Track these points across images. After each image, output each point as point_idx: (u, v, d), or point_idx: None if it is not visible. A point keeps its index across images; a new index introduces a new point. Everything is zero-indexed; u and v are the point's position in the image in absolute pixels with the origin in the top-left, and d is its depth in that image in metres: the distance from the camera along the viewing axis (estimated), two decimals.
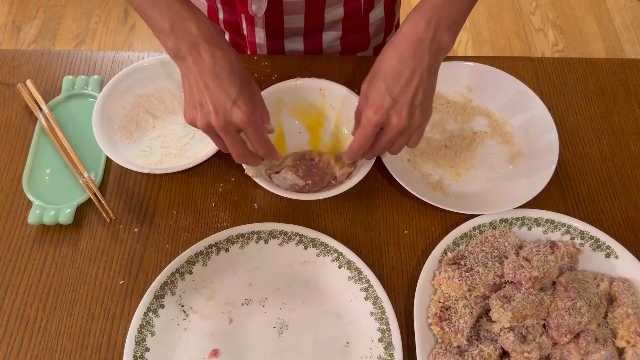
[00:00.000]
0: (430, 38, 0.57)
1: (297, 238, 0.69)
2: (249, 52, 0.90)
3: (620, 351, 0.63)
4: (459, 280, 0.62)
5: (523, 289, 0.62)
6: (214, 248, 0.68)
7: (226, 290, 0.67)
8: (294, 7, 0.81)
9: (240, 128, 0.60)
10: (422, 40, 0.57)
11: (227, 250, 0.68)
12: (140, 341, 0.62)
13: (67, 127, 0.78)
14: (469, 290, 0.63)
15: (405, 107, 0.58)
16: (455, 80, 0.81)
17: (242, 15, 0.84)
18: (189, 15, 0.58)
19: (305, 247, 0.69)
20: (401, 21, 0.62)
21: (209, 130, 0.61)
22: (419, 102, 0.59)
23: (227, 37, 0.91)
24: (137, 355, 0.62)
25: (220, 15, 0.88)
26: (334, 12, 0.85)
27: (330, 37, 0.89)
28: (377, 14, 0.90)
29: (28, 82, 0.81)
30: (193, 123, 0.62)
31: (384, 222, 0.73)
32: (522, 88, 0.79)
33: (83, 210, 0.72)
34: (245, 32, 0.87)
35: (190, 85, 0.60)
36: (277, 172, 0.71)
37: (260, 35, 0.86)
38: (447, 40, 0.58)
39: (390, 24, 0.95)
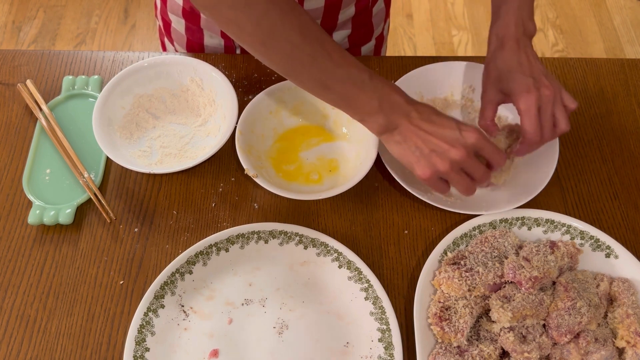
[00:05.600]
0: (522, 33, 0.69)
1: (297, 238, 0.69)
2: None
3: (620, 351, 0.63)
4: (459, 280, 0.62)
5: (523, 289, 0.62)
6: (214, 248, 0.68)
7: (226, 290, 0.67)
8: (313, 14, 0.83)
9: (476, 147, 0.63)
10: (519, 38, 0.69)
11: (227, 250, 0.68)
12: (140, 341, 0.62)
13: (67, 127, 0.78)
14: (469, 290, 0.63)
15: (543, 77, 0.67)
16: (455, 81, 0.81)
17: None
18: (390, 89, 0.63)
19: (305, 247, 0.69)
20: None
21: (452, 169, 0.63)
22: (545, 73, 0.69)
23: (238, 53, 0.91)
24: (137, 355, 0.62)
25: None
26: (347, 12, 0.86)
27: (340, 36, 0.90)
28: (378, 4, 0.92)
29: (28, 82, 0.81)
30: (435, 172, 0.63)
31: (384, 222, 0.73)
32: None
33: (83, 210, 0.72)
34: None
35: (414, 143, 0.63)
36: None
37: None
38: (532, 28, 0.70)
39: (388, 12, 0.97)
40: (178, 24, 0.89)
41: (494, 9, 0.72)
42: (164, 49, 0.99)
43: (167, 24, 0.92)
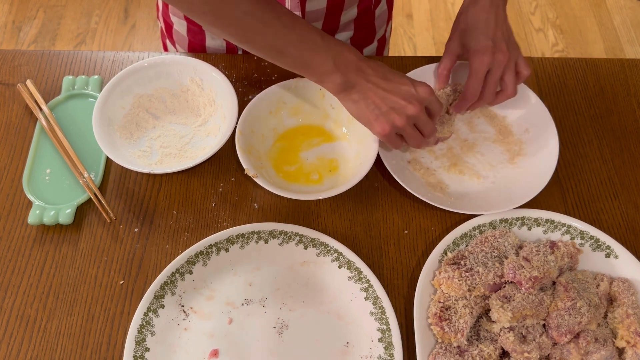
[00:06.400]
0: None
1: (297, 238, 0.69)
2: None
3: (620, 351, 0.63)
4: (459, 280, 0.62)
5: (523, 289, 0.62)
6: (214, 248, 0.68)
7: (226, 290, 0.67)
8: (315, 15, 0.82)
9: (426, 101, 0.66)
10: None
11: (227, 250, 0.68)
12: (140, 341, 0.62)
13: (67, 127, 0.78)
14: (469, 290, 0.63)
15: (503, 44, 0.70)
16: (455, 80, 0.81)
17: None
18: (342, 47, 0.64)
19: (305, 247, 0.69)
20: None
21: (408, 124, 0.66)
22: (507, 37, 0.71)
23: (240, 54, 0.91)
24: (137, 355, 0.62)
25: None
26: (349, 14, 0.86)
27: (343, 37, 0.90)
28: (381, 6, 0.92)
29: (28, 82, 0.81)
30: (393, 128, 0.66)
31: (384, 222, 0.73)
32: (522, 88, 0.79)
33: (83, 210, 0.72)
34: None
35: (372, 102, 0.65)
36: None
37: None
38: None
39: (390, 14, 0.97)
40: (180, 26, 0.89)
41: None
42: (166, 50, 0.99)
43: (168, 26, 0.92)
